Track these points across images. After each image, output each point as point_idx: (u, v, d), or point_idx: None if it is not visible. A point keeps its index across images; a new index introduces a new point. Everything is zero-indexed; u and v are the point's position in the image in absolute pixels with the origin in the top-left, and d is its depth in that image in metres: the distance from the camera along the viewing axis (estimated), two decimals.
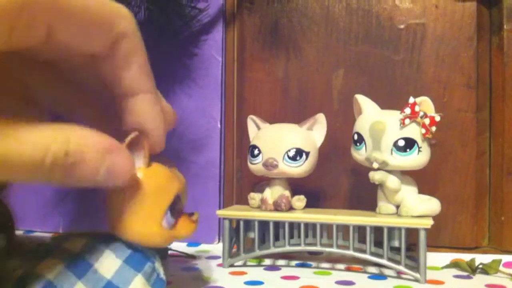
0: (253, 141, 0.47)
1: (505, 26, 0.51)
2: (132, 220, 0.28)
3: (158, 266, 0.30)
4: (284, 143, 0.45)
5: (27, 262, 0.28)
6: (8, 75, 0.27)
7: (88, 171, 0.24)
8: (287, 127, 0.47)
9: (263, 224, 0.46)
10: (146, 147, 0.29)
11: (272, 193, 0.46)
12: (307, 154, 0.45)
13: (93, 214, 0.30)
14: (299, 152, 0.45)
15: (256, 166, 0.46)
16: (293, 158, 0.45)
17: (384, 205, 0.44)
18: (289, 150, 0.44)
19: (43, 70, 0.29)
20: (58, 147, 0.23)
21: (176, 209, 0.30)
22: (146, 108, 0.28)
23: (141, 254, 0.29)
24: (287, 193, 0.46)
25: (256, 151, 0.46)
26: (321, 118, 0.46)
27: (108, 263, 0.28)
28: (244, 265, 0.47)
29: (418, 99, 0.42)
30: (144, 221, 0.28)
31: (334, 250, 0.44)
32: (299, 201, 0.46)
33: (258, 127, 0.48)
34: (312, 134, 0.46)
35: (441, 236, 0.52)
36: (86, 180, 0.25)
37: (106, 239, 0.29)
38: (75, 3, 0.23)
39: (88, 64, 0.27)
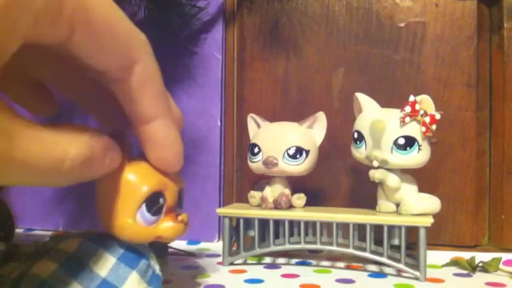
0: (253, 140, 0.47)
1: (505, 25, 0.51)
2: (108, 212, 0.28)
3: (153, 262, 0.30)
4: (284, 142, 0.45)
5: (23, 264, 0.28)
6: (21, 66, 0.28)
7: (96, 170, 0.26)
8: (287, 125, 0.47)
9: (263, 223, 0.46)
10: (127, 142, 0.29)
11: (272, 192, 0.46)
12: (307, 152, 0.45)
13: (93, 213, 0.30)
14: (299, 151, 0.45)
15: (256, 164, 0.46)
16: (293, 157, 0.45)
17: (384, 204, 0.44)
18: (289, 149, 0.44)
19: (56, 63, 0.29)
20: (75, 153, 0.23)
21: (157, 207, 0.29)
22: (162, 135, 0.28)
23: (135, 251, 0.29)
24: (287, 191, 0.46)
25: (256, 150, 0.46)
26: (321, 117, 0.46)
27: (103, 261, 0.28)
28: (244, 263, 0.47)
29: (418, 98, 0.42)
30: (117, 214, 0.28)
31: (334, 248, 0.44)
32: (299, 199, 0.46)
33: (258, 126, 0.48)
34: (312, 132, 0.46)
35: (441, 234, 0.52)
36: (93, 177, 0.26)
37: (100, 238, 0.29)
38: (99, 13, 0.23)
39: (101, 81, 0.27)
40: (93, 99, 0.31)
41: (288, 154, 0.44)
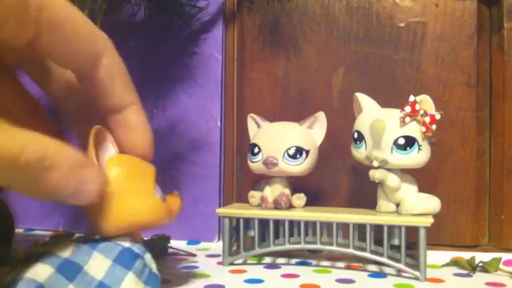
0: (253, 140, 0.47)
1: (505, 25, 0.51)
2: (130, 202, 0.29)
3: (150, 261, 0.30)
4: (284, 142, 0.45)
5: (15, 268, 0.28)
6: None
7: (58, 181, 0.25)
8: (287, 125, 0.47)
9: (263, 222, 0.46)
10: (111, 136, 0.30)
11: (272, 191, 0.46)
12: (307, 152, 0.45)
13: None
14: (299, 151, 0.45)
15: (256, 164, 0.46)
16: (293, 157, 0.45)
17: (384, 204, 0.44)
18: (289, 149, 0.44)
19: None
20: (34, 149, 0.23)
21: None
22: (134, 120, 0.30)
23: (130, 251, 0.29)
24: (287, 191, 0.46)
25: (256, 150, 0.46)
26: (321, 117, 0.46)
27: (98, 264, 0.28)
28: (244, 263, 0.47)
29: (418, 97, 0.42)
30: (142, 198, 0.29)
31: (334, 248, 0.44)
32: (299, 199, 0.46)
33: (258, 126, 0.48)
34: (312, 132, 0.46)
35: (441, 234, 0.52)
36: (55, 190, 0.25)
37: (94, 241, 0.29)
38: (63, 14, 0.25)
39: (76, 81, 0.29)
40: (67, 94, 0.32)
41: (288, 154, 0.44)
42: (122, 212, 0.29)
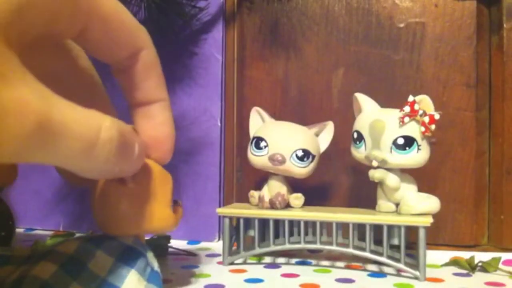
0: (258, 133, 0.47)
1: (504, 25, 0.51)
2: (150, 210, 0.29)
3: (152, 259, 0.30)
4: (294, 142, 0.45)
5: (19, 266, 0.28)
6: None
7: (129, 156, 0.25)
8: (298, 127, 0.47)
9: (263, 222, 0.46)
10: (140, 137, 0.30)
11: (269, 191, 0.46)
12: (313, 157, 0.45)
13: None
14: (307, 154, 0.45)
15: (259, 158, 0.46)
16: (301, 159, 0.45)
17: (383, 203, 0.44)
18: (298, 150, 0.45)
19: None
20: (110, 124, 0.23)
21: None
22: (162, 114, 0.30)
23: (132, 250, 0.30)
24: (283, 191, 0.46)
25: (262, 144, 0.46)
26: (329, 126, 0.46)
27: (101, 262, 0.28)
28: (244, 263, 0.47)
29: (417, 98, 0.42)
30: (161, 207, 0.30)
31: (333, 248, 0.44)
32: (297, 199, 0.46)
33: (263, 120, 0.48)
34: (319, 139, 0.47)
35: (440, 234, 0.52)
36: (125, 167, 0.25)
37: (98, 239, 0.30)
38: (109, 7, 0.25)
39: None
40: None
41: (296, 155, 0.45)
42: (141, 217, 0.29)
